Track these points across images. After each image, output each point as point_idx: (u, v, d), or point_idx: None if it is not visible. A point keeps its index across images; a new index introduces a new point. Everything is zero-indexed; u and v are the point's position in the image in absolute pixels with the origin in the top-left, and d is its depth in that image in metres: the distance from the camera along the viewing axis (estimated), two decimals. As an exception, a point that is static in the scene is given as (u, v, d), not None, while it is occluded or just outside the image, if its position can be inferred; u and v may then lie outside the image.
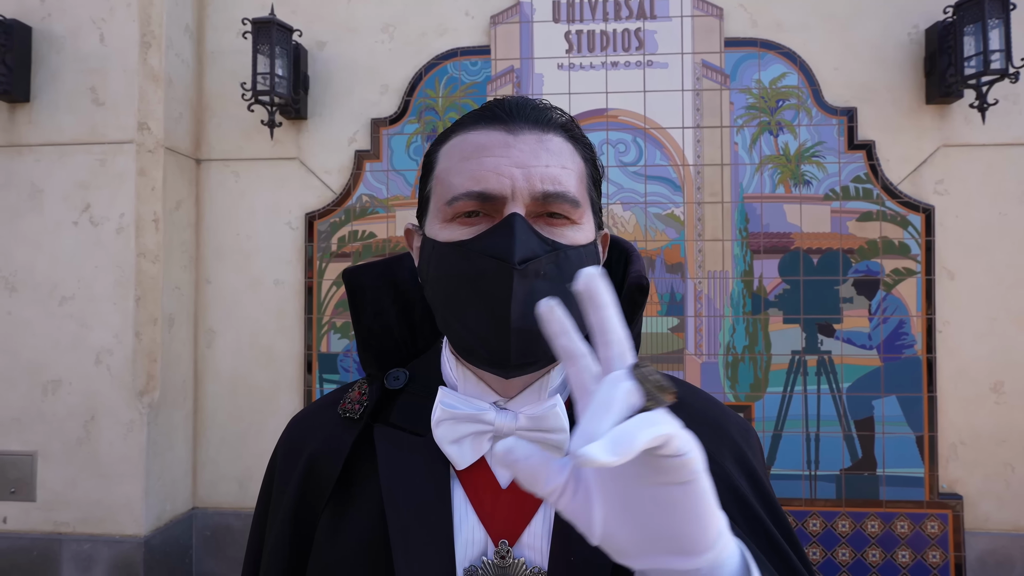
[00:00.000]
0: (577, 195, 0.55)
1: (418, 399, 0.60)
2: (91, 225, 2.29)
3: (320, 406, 0.67)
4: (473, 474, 0.57)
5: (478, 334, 0.53)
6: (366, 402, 0.61)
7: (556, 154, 0.55)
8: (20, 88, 2.27)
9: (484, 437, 0.56)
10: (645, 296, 0.60)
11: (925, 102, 2.33)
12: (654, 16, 2.41)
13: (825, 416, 2.32)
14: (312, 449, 0.62)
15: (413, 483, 0.56)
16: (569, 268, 0.53)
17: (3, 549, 2.24)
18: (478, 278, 0.52)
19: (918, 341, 2.30)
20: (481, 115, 0.57)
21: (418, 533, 0.54)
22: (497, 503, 0.56)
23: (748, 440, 0.62)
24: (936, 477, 2.27)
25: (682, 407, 0.61)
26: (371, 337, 0.64)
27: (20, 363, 2.28)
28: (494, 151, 0.54)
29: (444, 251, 0.55)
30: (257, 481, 2.46)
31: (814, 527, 2.29)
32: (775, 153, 2.37)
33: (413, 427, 0.59)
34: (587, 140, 0.61)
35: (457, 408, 0.56)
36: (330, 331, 2.46)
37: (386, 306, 0.64)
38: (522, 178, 0.53)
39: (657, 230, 2.40)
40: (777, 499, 0.61)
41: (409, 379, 0.61)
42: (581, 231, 0.56)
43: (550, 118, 0.57)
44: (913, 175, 2.35)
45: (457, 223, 0.55)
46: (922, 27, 2.33)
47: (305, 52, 2.46)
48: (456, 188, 0.54)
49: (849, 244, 2.34)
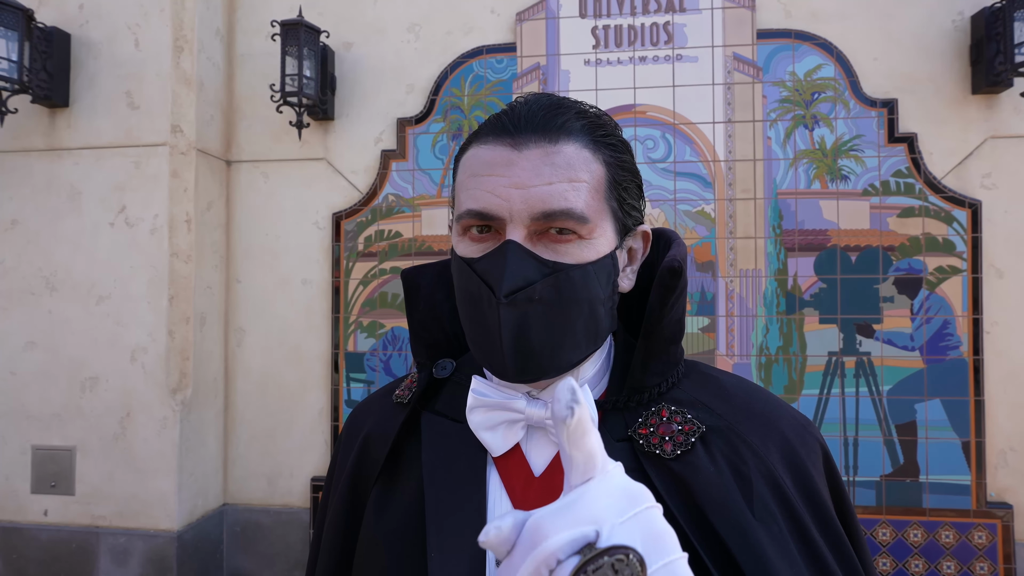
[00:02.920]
0: (585, 210, 0.54)
1: (462, 388, 0.62)
2: (127, 226, 2.34)
3: (380, 394, 0.72)
4: (508, 461, 0.58)
5: (483, 348, 0.56)
6: (415, 389, 0.64)
7: (563, 167, 0.54)
8: (60, 93, 2.34)
9: (517, 425, 0.58)
10: (677, 279, 0.57)
11: (971, 92, 2.22)
12: (683, 9, 2.36)
13: (864, 420, 2.24)
14: (367, 430, 0.67)
15: (452, 466, 0.59)
16: (571, 288, 0.54)
17: (44, 541, 2.32)
18: (477, 299, 0.55)
19: (964, 342, 2.20)
20: (492, 126, 0.57)
21: (453, 516, 0.56)
22: (529, 490, 0.57)
23: (803, 438, 0.59)
24: (984, 485, 2.16)
25: (726, 400, 0.59)
26: (423, 330, 0.66)
27: (60, 360, 2.35)
28: (496, 169, 0.55)
29: (458, 264, 0.57)
30: (285, 478, 2.50)
31: (852, 535, 2.21)
32: (810, 147, 2.29)
33: (455, 414, 0.61)
34: (615, 139, 0.58)
35: (488, 396, 0.58)
36: (357, 330, 2.47)
37: (440, 302, 0.66)
38: (520, 200, 0.53)
39: (687, 228, 2.35)
40: (831, 503, 0.57)
41: (455, 369, 0.64)
42: (590, 247, 0.55)
43: (562, 124, 0.55)
44: (958, 168, 2.24)
45: (469, 238, 0.57)
46: (967, 14, 2.23)
47: (332, 53, 2.48)
48: (462, 205, 0.57)
49: (889, 241, 2.25)
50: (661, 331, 0.58)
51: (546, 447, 0.58)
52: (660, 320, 0.58)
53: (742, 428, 0.57)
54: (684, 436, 0.56)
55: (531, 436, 0.59)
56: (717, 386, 0.61)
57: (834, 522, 0.56)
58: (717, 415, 0.58)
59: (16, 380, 2.36)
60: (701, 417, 0.57)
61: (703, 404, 0.59)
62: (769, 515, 0.53)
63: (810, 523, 0.54)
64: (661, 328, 0.58)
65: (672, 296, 0.58)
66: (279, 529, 2.47)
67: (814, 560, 0.53)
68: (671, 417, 0.57)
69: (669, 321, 0.58)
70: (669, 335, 0.59)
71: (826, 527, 0.55)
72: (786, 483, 0.55)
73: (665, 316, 0.58)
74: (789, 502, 0.54)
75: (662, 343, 0.58)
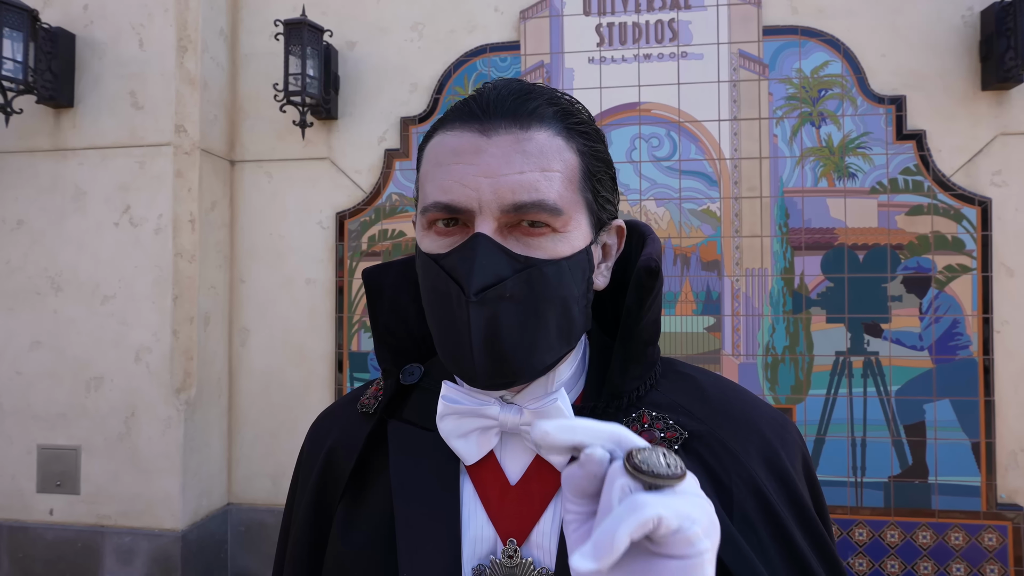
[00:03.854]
0: (559, 202, 0.51)
1: (431, 394, 0.58)
2: (131, 226, 2.34)
3: (343, 402, 0.68)
4: (482, 470, 0.56)
5: (451, 352, 0.53)
6: (381, 397, 0.61)
7: (535, 156, 0.50)
8: (65, 94, 2.34)
9: (491, 432, 0.55)
10: (654, 279, 0.56)
11: (981, 88, 2.19)
12: (688, 6, 2.34)
13: (872, 420, 2.21)
14: (331, 443, 0.63)
15: (422, 478, 0.56)
16: (544, 285, 0.51)
17: (50, 540, 2.32)
18: (445, 297, 0.52)
19: (973, 342, 2.17)
20: (459, 112, 0.54)
21: (426, 529, 0.53)
22: (505, 500, 0.54)
23: (783, 439, 0.58)
24: (994, 486, 2.14)
25: (705, 402, 0.58)
26: (387, 334, 0.63)
27: (66, 360, 2.35)
28: (464, 157, 0.51)
29: (424, 261, 0.54)
30: (289, 478, 2.49)
31: (860, 536, 2.18)
32: (817, 145, 2.27)
33: (424, 422, 0.58)
34: (588, 127, 0.55)
35: (460, 403, 0.54)
36: (360, 330, 2.47)
37: (404, 304, 0.62)
38: (489, 189, 0.50)
39: (692, 226, 2.33)
40: (812, 504, 0.57)
41: (424, 374, 0.61)
42: (564, 240, 0.52)
43: (533, 110, 0.52)
44: (968, 166, 2.22)
45: (434, 232, 0.53)
46: (977, 9, 2.20)
47: (336, 52, 2.48)
48: (428, 197, 0.53)
49: (898, 239, 2.22)
50: (639, 333, 0.56)
51: (522, 454, 0.55)
52: (638, 322, 0.56)
53: (722, 433, 0.56)
54: (667, 444, 0.54)
55: (505, 443, 0.56)
56: (695, 386, 0.59)
57: (815, 523, 0.55)
58: (697, 419, 0.56)
59: (22, 380, 2.37)
60: (682, 422, 0.56)
61: (683, 408, 0.57)
62: (748, 525, 0.52)
63: (794, 528, 0.54)
64: (639, 330, 0.56)
65: (650, 297, 0.56)
66: (283, 529, 2.47)
67: (798, 566, 0.52)
68: (652, 423, 0.55)
69: (647, 322, 0.56)
70: (647, 337, 0.57)
71: (809, 529, 0.55)
72: (768, 488, 0.54)
73: (643, 317, 0.56)
74: (771, 508, 0.53)
75: (640, 345, 0.56)
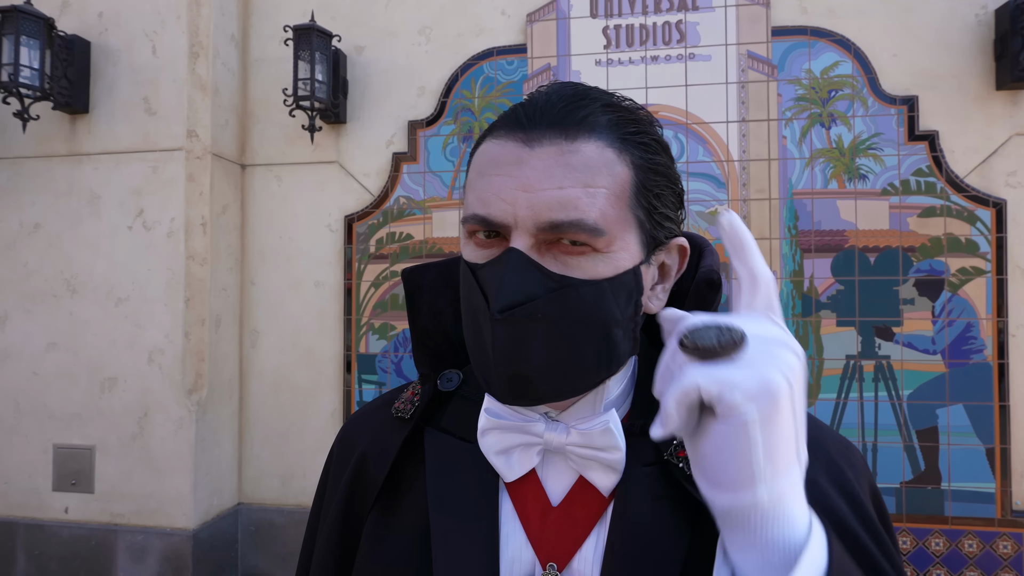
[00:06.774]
0: (600, 221, 0.47)
1: (469, 403, 0.56)
2: (144, 229, 2.38)
3: (376, 406, 0.65)
4: (522, 487, 0.53)
5: (478, 365, 0.51)
6: (418, 402, 0.58)
7: (579, 170, 0.47)
8: (80, 100, 2.39)
9: (533, 450, 0.53)
10: (716, 293, 0.53)
11: (995, 88, 2.16)
12: (696, 7, 2.33)
13: (884, 425, 2.18)
14: (363, 449, 0.61)
15: (460, 493, 0.53)
16: (581, 306, 0.48)
17: (65, 538, 2.37)
18: (476, 311, 0.50)
19: (988, 346, 2.13)
20: (506, 119, 0.52)
21: (462, 547, 0.51)
22: (546, 522, 0.52)
23: (850, 459, 0.56)
24: (1009, 493, 2.10)
25: None
26: (426, 337, 0.60)
27: (81, 361, 2.40)
28: (504, 169, 0.49)
29: (463, 269, 0.52)
30: (298, 478, 2.52)
31: (871, 543, 2.15)
32: (827, 146, 2.25)
33: (463, 433, 0.56)
34: (648, 137, 0.52)
35: (504, 418, 0.52)
36: (368, 332, 2.48)
37: (443, 306, 0.60)
38: (526, 204, 0.47)
39: (700, 229, 2.31)
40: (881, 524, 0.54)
41: (462, 382, 0.58)
42: (607, 261, 0.48)
43: (582, 119, 0.48)
44: (982, 167, 2.18)
45: (474, 242, 0.51)
46: (991, 7, 2.16)
47: (344, 57, 2.50)
48: (468, 207, 0.51)
49: (910, 242, 2.19)
50: None
51: (565, 474, 0.53)
52: None
53: None
54: None
55: (547, 461, 0.53)
56: None
57: (888, 543, 0.52)
58: None
59: (39, 380, 2.42)
60: None
61: None
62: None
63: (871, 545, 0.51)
64: None
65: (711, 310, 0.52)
66: (293, 528, 2.49)
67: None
68: None
69: None
70: None
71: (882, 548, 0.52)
72: (840, 506, 0.51)
73: None
74: (847, 528, 0.51)
75: None
